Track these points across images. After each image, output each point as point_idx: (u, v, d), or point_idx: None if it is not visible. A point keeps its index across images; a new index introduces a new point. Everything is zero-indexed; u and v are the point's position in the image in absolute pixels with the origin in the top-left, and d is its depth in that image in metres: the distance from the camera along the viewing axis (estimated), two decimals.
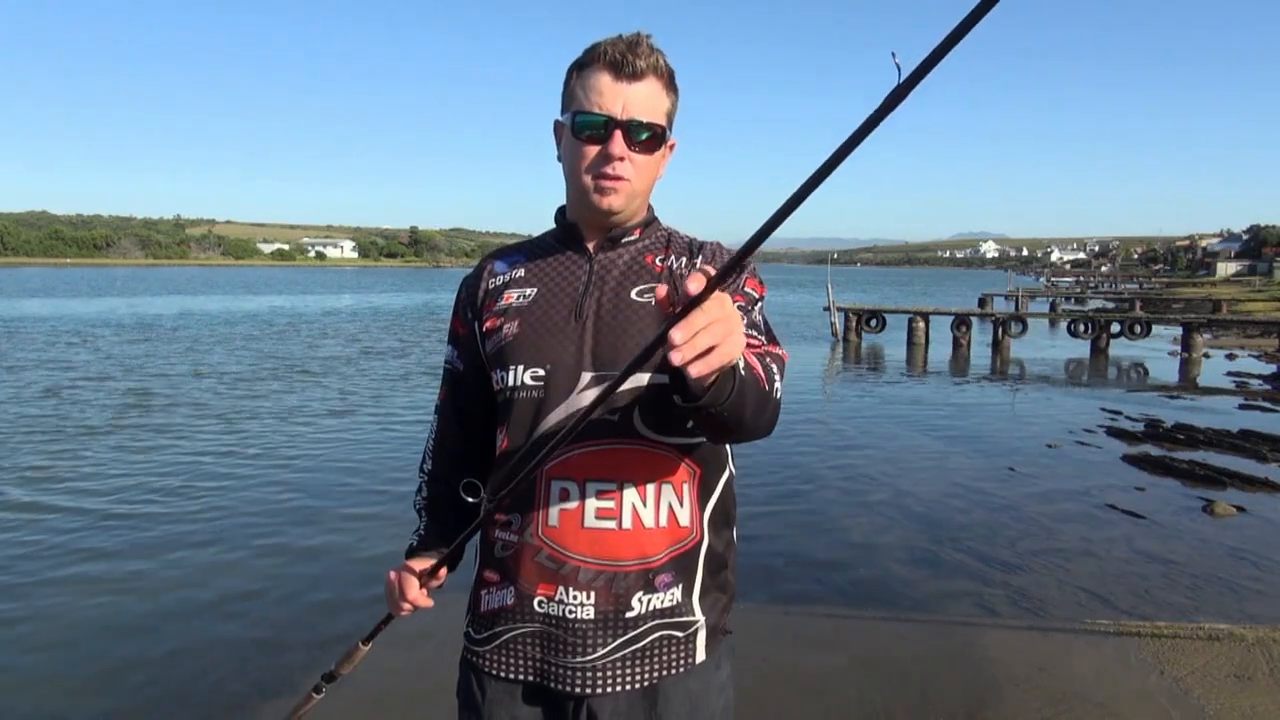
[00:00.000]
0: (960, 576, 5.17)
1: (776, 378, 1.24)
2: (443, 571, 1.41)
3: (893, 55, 0.77)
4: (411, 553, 1.47)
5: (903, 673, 3.90)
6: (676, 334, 0.88)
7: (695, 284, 0.87)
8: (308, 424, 10.00)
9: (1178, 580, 5.13)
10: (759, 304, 1.42)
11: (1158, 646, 4.12)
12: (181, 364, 15.90)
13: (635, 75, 1.32)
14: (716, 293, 0.89)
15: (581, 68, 1.35)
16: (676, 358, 0.88)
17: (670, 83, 1.38)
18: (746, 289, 1.40)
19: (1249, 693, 3.63)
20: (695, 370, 0.91)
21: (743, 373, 1.07)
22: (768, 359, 1.25)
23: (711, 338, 0.90)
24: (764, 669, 3.84)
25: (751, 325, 1.33)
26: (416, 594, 1.38)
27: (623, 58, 1.30)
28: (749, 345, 1.21)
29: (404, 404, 11.54)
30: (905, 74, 0.76)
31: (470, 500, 1.41)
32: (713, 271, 0.88)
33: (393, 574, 1.42)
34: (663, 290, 0.93)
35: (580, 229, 1.43)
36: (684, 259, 1.43)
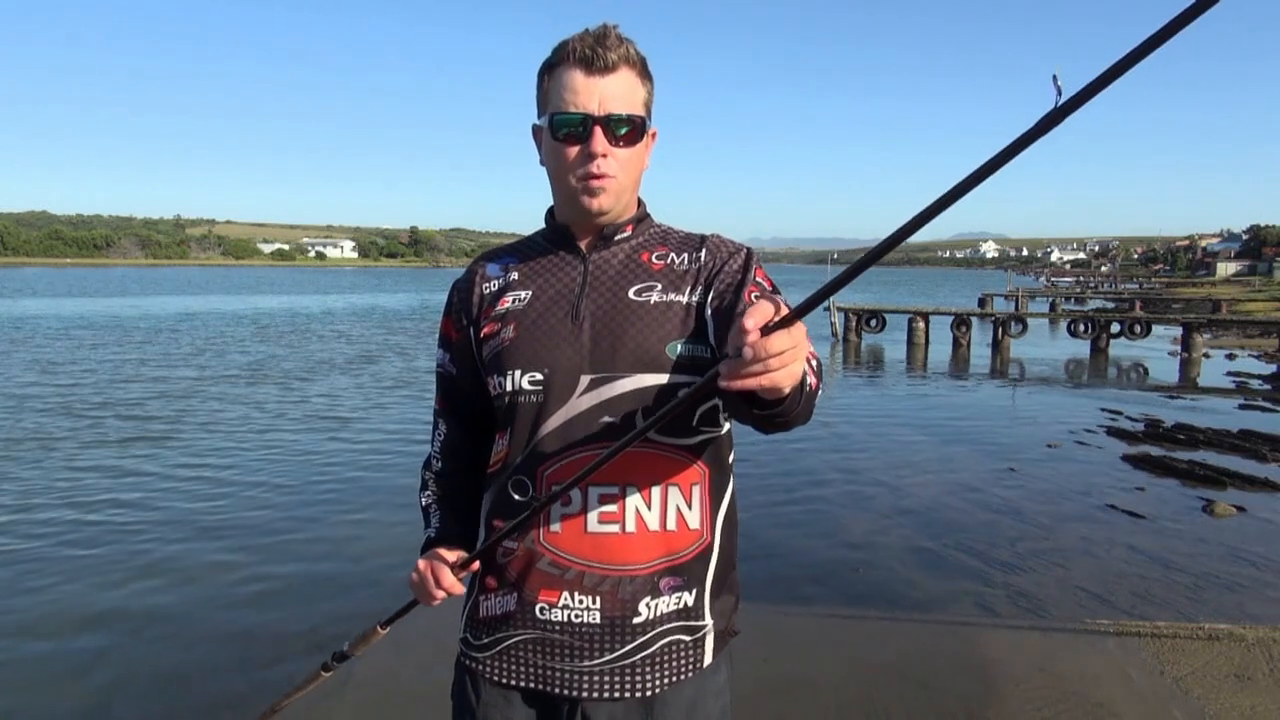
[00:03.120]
0: (960, 576, 5.17)
1: (819, 374, 1.23)
2: (475, 564, 1.37)
3: (1054, 77, 0.74)
4: (430, 545, 1.45)
5: (903, 673, 3.89)
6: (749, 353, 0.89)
7: (760, 315, 0.89)
8: (307, 427, 10.00)
9: (1178, 580, 5.13)
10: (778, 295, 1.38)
11: (1158, 646, 4.11)
12: (180, 368, 15.91)
13: (607, 68, 1.29)
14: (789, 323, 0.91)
15: (552, 68, 1.32)
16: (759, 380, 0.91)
17: (644, 71, 1.34)
18: (758, 279, 1.37)
19: (1249, 693, 3.63)
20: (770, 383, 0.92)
21: (809, 380, 1.10)
22: (812, 360, 1.22)
23: (784, 362, 0.91)
24: (764, 669, 3.84)
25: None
26: (451, 582, 1.35)
27: (592, 52, 1.28)
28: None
29: (402, 406, 11.54)
30: (1065, 97, 0.74)
31: (518, 498, 1.34)
32: (774, 309, 0.91)
33: (423, 563, 1.38)
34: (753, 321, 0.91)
35: (571, 229, 1.40)
36: (685, 255, 1.40)
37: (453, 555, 1.38)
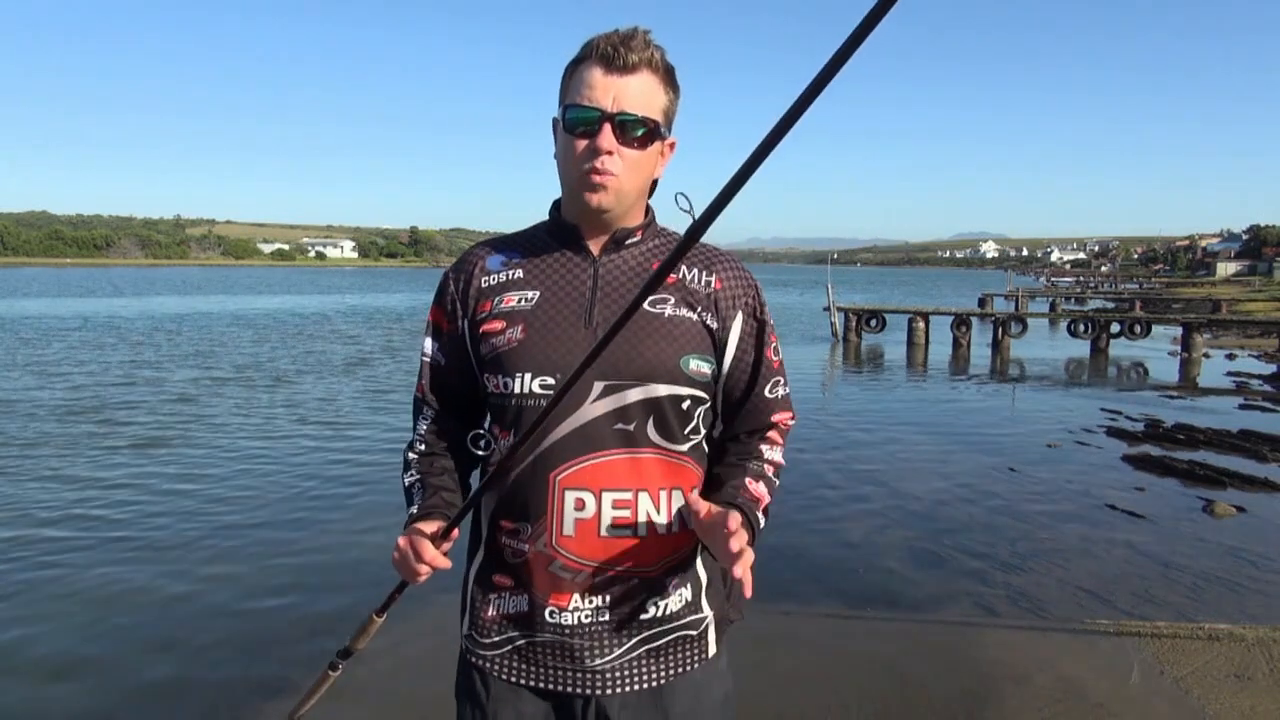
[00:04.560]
0: (960, 576, 5.17)
1: (776, 486, 1.45)
2: (455, 532, 1.32)
3: None
4: (413, 522, 1.37)
5: (903, 673, 3.89)
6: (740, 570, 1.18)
7: (736, 543, 1.17)
8: (305, 428, 10.00)
9: (1178, 580, 5.13)
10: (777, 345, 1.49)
11: (1158, 646, 4.11)
12: (178, 370, 15.91)
13: (627, 68, 1.28)
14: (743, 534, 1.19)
15: (576, 64, 1.32)
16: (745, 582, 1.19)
17: (668, 79, 1.34)
18: (767, 318, 1.45)
19: (1249, 693, 3.63)
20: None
21: (761, 527, 1.35)
22: (776, 469, 1.44)
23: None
24: (764, 669, 3.83)
25: (784, 402, 1.49)
26: (434, 555, 1.28)
27: (614, 51, 1.28)
28: (782, 421, 1.48)
29: (400, 409, 11.54)
30: None
31: (480, 453, 1.37)
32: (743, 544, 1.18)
33: (403, 540, 1.32)
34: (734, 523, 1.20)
35: (580, 229, 1.39)
36: (696, 272, 1.40)
37: (431, 528, 1.32)
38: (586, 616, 1.33)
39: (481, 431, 1.38)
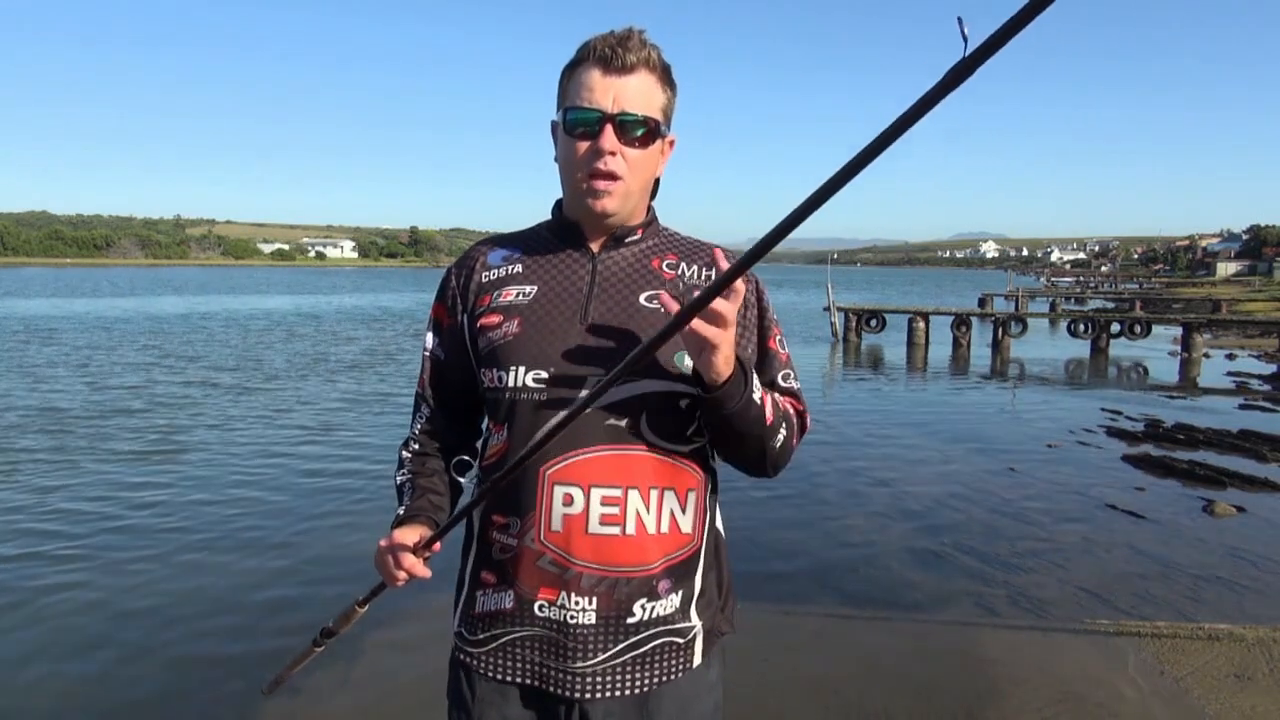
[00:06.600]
0: (960, 576, 5.17)
1: (782, 427, 1.35)
2: (437, 544, 1.32)
3: (959, 21, 0.67)
4: (400, 523, 1.39)
5: (903, 673, 3.89)
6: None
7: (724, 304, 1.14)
8: (302, 431, 9.99)
9: (1178, 580, 5.13)
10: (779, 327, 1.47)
11: (1158, 646, 4.12)
12: (176, 372, 15.91)
13: (625, 69, 1.29)
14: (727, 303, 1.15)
15: (574, 66, 1.33)
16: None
17: (665, 77, 1.35)
18: (771, 312, 1.44)
19: (1249, 693, 3.63)
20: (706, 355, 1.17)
21: (755, 397, 1.26)
22: (791, 413, 1.39)
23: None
24: (764, 669, 3.84)
25: (797, 394, 1.46)
26: (413, 563, 1.30)
27: (612, 52, 1.28)
28: (787, 395, 1.43)
29: (397, 411, 11.54)
30: (974, 45, 0.65)
31: (462, 480, 1.40)
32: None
33: (384, 543, 1.33)
34: (670, 301, 1.17)
35: (581, 227, 1.40)
36: (696, 267, 1.41)
37: (414, 536, 1.33)
38: (572, 615, 1.32)
39: (467, 459, 1.41)
